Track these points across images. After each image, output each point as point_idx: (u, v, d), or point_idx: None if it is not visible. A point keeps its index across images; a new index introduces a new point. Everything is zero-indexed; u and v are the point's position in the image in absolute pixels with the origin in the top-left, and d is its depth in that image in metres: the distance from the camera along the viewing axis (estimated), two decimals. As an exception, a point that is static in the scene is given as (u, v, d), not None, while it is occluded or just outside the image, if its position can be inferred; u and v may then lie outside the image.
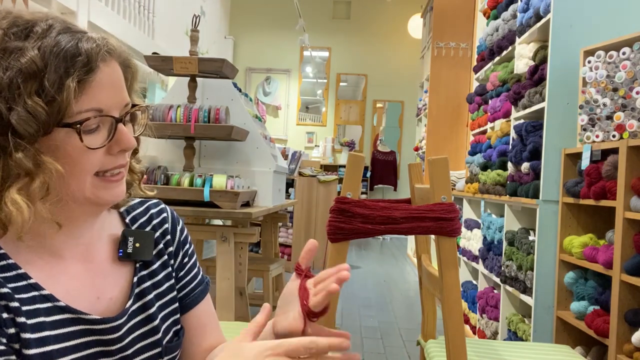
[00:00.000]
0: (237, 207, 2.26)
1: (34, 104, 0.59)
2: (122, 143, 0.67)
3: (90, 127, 0.64)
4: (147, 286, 0.77)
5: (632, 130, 1.90)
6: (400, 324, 3.64)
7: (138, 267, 0.77)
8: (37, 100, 0.60)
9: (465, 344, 1.22)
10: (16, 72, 0.59)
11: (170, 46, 5.92)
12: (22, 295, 0.64)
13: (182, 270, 0.83)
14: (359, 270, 5.66)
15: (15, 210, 0.60)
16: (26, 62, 0.60)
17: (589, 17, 2.37)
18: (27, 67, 0.60)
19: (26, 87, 0.60)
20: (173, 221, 0.84)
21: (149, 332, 0.75)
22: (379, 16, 9.45)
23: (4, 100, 0.59)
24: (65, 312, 0.67)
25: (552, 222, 2.32)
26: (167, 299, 0.80)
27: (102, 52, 0.65)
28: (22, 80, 0.59)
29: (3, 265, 0.64)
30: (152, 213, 0.83)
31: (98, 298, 0.71)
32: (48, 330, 0.64)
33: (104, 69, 0.65)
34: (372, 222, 1.22)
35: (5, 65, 0.60)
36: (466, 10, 5.63)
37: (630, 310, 1.78)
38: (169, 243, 0.82)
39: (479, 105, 3.65)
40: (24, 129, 0.60)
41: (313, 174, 5.56)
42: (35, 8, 3.40)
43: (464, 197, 3.68)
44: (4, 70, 0.60)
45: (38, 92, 0.60)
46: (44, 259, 0.68)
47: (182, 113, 2.36)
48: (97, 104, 0.64)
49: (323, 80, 9.57)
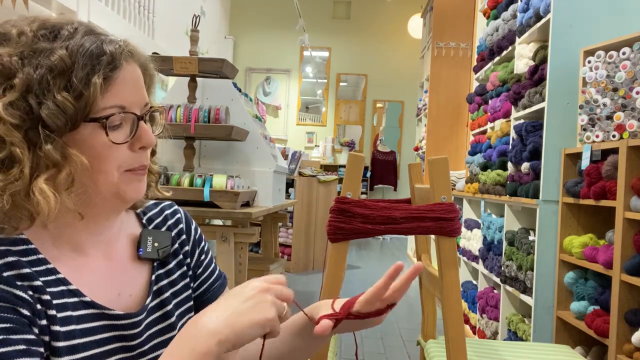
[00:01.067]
0: (237, 207, 2.26)
1: (63, 98, 0.63)
2: (143, 139, 0.71)
3: (114, 123, 0.68)
4: (164, 284, 0.80)
5: (632, 130, 1.90)
6: (400, 324, 3.64)
7: (155, 265, 0.80)
8: (65, 95, 0.64)
9: (465, 344, 1.22)
10: (46, 69, 0.64)
11: (170, 46, 5.92)
12: (52, 289, 0.66)
13: (200, 267, 0.87)
14: (359, 270, 5.66)
15: (43, 199, 0.63)
16: (55, 60, 0.64)
17: (589, 17, 2.37)
18: (56, 65, 0.64)
19: (55, 84, 0.64)
20: (187, 221, 0.87)
21: (166, 329, 0.78)
22: (379, 16, 9.45)
23: (35, 96, 0.63)
24: (90, 307, 0.69)
25: (552, 222, 2.32)
26: (183, 297, 0.83)
27: (125, 52, 0.69)
28: (52, 77, 0.64)
29: (34, 259, 0.67)
30: (166, 214, 0.86)
31: (119, 294, 0.74)
32: (74, 324, 0.67)
33: (127, 67, 0.69)
34: (372, 222, 1.22)
35: (36, 64, 0.64)
36: (466, 10, 5.63)
37: (630, 310, 1.78)
38: (184, 243, 0.85)
39: (479, 105, 3.65)
40: (54, 122, 0.64)
41: (313, 174, 5.56)
42: (35, 8, 3.40)
43: (464, 197, 3.68)
44: (35, 68, 0.63)
45: (66, 88, 0.64)
46: (68, 255, 0.71)
47: (182, 113, 2.36)
48: (121, 101, 0.68)
49: (323, 80, 9.57)
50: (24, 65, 0.64)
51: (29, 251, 0.67)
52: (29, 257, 0.67)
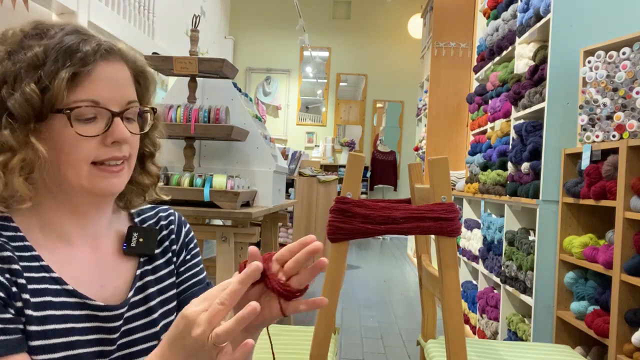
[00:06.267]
0: (237, 207, 2.26)
1: (30, 90, 0.68)
2: (115, 134, 0.72)
3: (85, 117, 0.71)
4: (150, 280, 0.81)
5: (632, 130, 1.90)
6: (400, 324, 3.64)
7: (142, 261, 0.81)
8: (33, 87, 0.68)
9: (465, 344, 1.22)
10: (21, 64, 0.69)
11: (170, 46, 5.92)
12: (31, 274, 0.69)
13: (184, 266, 0.87)
14: (359, 270, 5.66)
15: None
16: (31, 56, 0.69)
17: (589, 17, 2.37)
18: (31, 59, 0.69)
19: (26, 77, 0.68)
20: (179, 223, 0.89)
21: (148, 325, 0.79)
22: (379, 16, 9.44)
23: (9, 88, 0.69)
24: (72, 295, 0.71)
25: (552, 222, 2.32)
26: (168, 295, 0.83)
27: (101, 50, 0.72)
28: (24, 72, 0.69)
29: (20, 245, 0.70)
30: (160, 216, 0.88)
31: (102, 286, 0.76)
32: (53, 309, 0.69)
33: (105, 66, 0.72)
34: (372, 222, 1.22)
35: (15, 59, 0.69)
36: (466, 10, 5.63)
37: (630, 310, 1.78)
38: (173, 241, 0.87)
39: (479, 105, 3.65)
40: (17, 111, 0.68)
41: (313, 174, 5.55)
42: (35, 8, 3.40)
43: (464, 197, 3.68)
44: (14, 63, 0.69)
45: (36, 81, 0.68)
46: (55, 245, 0.74)
47: (182, 113, 2.36)
48: (93, 96, 0.71)
49: (323, 80, 9.57)
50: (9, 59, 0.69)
51: (16, 237, 0.71)
52: (16, 243, 0.70)
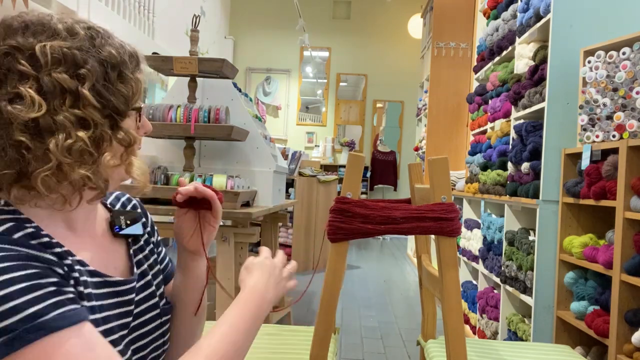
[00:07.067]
0: (237, 207, 2.26)
1: (124, 88, 0.74)
2: (146, 126, 0.82)
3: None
4: (140, 258, 0.88)
5: (632, 130, 1.90)
6: (400, 324, 3.64)
7: (130, 242, 0.88)
8: (121, 86, 0.74)
9: (465, 344, 1.22)
10: (105, 63, 0.72)
11: (170, 46, 5.92)
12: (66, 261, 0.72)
13: (159, 247, 0.96)
14: (359, 270, 5.66)
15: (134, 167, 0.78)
16: (108, 56, 0.72)
17: (589, 17, 2.37)
18: (109, 59, 0.73)
19: (114, 76, 0.73)
20: (142, 206, 0.96)
21: (149, 296, 0.86)
22: (379, 16, 9.45)
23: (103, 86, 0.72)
24: (95, 275, 0.75)
25: (552, 222, 2.32)
26: (156, 269, 0.92)
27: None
28: (110, 70, 0.72)
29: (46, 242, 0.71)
30: (122, 200, 0.94)
31: (108, 266, 0.81)
32: (90, 288, 0.73)
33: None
34: (372, 222, 1.22)
35: (92, 58, 0.71)
36: (466, 10, 5.63)
37: (630, 310, 1.78)
38: (145, 224, 0.94)
39: (479, 105, 3.65)
40: (117, 108, 0.73)
41: (313, 174, 5.55)
42: (35, 8, 3.40)
43: (464, 197, 3.68)
44: (98, 62, 0.72)
45: (120, 80, 0.74)
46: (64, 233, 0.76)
47: (182, 113, 2.36)
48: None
49: (323, 80, 9.57)
50: (89, 57, 0.71)
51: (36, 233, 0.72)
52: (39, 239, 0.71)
